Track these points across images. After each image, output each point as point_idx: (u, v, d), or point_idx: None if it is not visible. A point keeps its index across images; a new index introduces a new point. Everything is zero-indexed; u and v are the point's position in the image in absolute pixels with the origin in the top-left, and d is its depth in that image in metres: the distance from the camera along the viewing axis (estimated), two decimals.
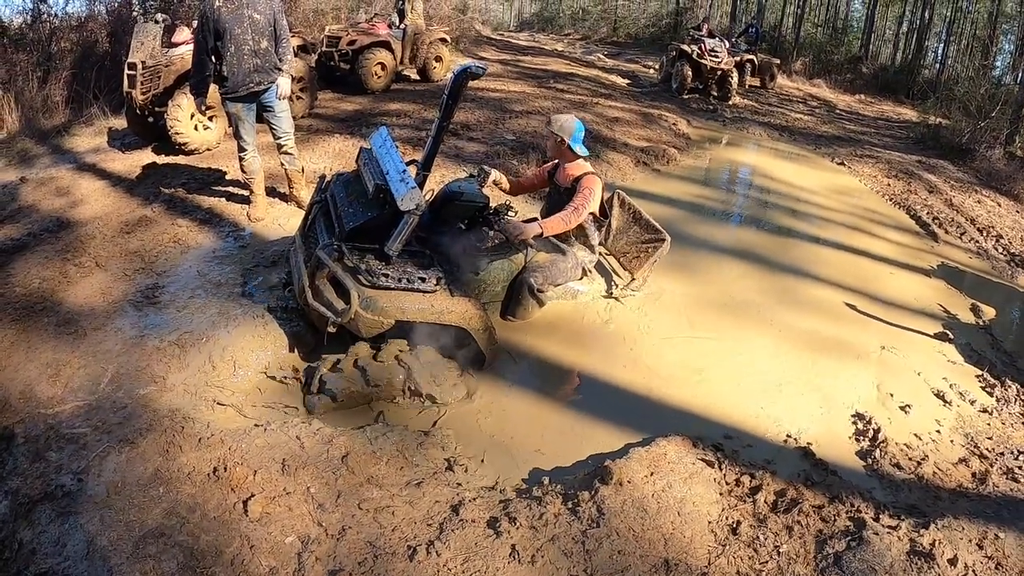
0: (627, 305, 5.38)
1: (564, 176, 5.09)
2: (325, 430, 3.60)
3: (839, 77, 24.41)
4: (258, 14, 5.62)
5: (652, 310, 5.46)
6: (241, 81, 5.66)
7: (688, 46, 16.00)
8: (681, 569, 3.06)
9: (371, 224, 4.11)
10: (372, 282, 3.88)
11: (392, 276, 3.95)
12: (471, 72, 4.11)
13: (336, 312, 3.84)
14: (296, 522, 3.06)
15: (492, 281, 4.67)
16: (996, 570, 3.34)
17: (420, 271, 4.07)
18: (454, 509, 3.21)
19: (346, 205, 4.30)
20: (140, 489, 3.13)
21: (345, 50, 11.20)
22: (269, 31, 5.72)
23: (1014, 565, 3.39)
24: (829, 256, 7.61)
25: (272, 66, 5.79)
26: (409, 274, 4.01)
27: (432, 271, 4.11)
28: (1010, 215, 10.53)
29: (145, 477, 3.19)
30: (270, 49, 5.75)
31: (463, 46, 18.29)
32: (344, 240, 4.06)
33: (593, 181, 4.91)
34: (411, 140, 8.70)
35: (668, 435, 3.95)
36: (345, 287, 3.83)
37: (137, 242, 5.48)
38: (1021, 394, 5.28)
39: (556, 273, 4.87)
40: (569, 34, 32.79)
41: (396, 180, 3.98)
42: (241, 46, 5.57)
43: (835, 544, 3.33)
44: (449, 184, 4.71)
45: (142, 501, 3.07)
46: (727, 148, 12.54)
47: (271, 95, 5.89)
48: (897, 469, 4.18)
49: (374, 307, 3.83)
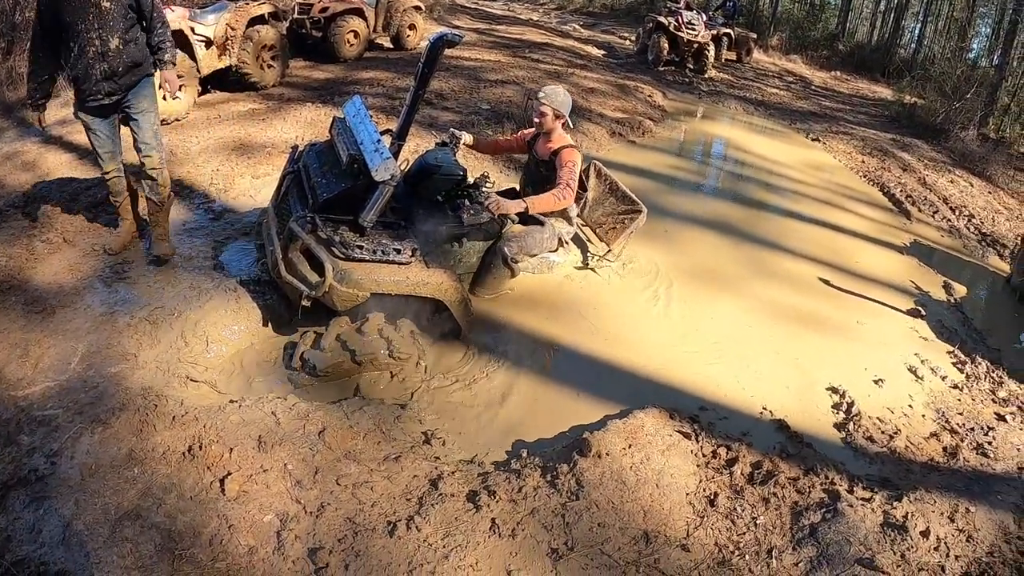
0: (603, 277, 5.40)
1: (544, 147, 5.05)
2: (301, 406, 3.56)
3: (815, 54, 24.49)
4: (107, 1, 4.24)
5: (628, 283, 5.48)
6: (89, 91, 4.42)
7: (665, 18, 16.00)
8: (660, 540, 3.08)
9: (345, 195, 4.05)
10: (346, 254, 3.83)
11: (367, 248, 3.89)
12: (447, 40, 4.03)
13: (310, 285, 3.79)
14: (274, 500, 3.03)
15: (467, 252, 4.63)
16: (967, 542, 3.40)
17: (395, 242, 4.02)
18: (433, 483, 3.20)
19: (319, 176, 4.23)
20: (115, 470, 3.07)
21: (317, 17, 11.01)
22: (125, 23, 4.36)
23: (984, 538, 3.46)
24: (803, 230, 7.68)
25: (132, 63, 4.45)
26: (384, 246, 3.95)
27: (407, 242, 4.06)
28: (982, 195, 10.66)
29: (119, 458, 3.13)
30: (125, 49, 4.38)
31: (437, 14, 18.10)
32: (318, 212, 4.00)
33: (574, 154, 4.87)
34: (385, 109, 8.63)
35: (645, 407, 3.98)
36: (319, 260, 3.77)
37: (106, 216, 5.36)
38: (991, 371, 5.36)
39: (532, 243, 4.85)
40: (544, 4, 32.44)
41: (370, 150, 3.92)
42: (85, 47, 4.29)
43: (811, 516, 3.38)
44: (425, 156, 4.64)
45: (117, 483, 3.01)
46: (703, 121, 12.59)
47: (133, 98, 4.57)
48: (870, 442, 4.24)
49: (349, 280, 3.77)
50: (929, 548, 3.28)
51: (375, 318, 4.00)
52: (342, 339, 3.96)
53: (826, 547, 3.19)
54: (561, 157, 4.83)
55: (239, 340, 4.21)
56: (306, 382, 3.88)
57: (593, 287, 5.27)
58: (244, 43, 8.61)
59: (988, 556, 3.34)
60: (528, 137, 5.32)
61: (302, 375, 3.88)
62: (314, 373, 3.86)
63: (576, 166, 4.82)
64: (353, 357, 3.91)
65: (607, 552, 2.97)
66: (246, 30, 8.63)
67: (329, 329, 3.97)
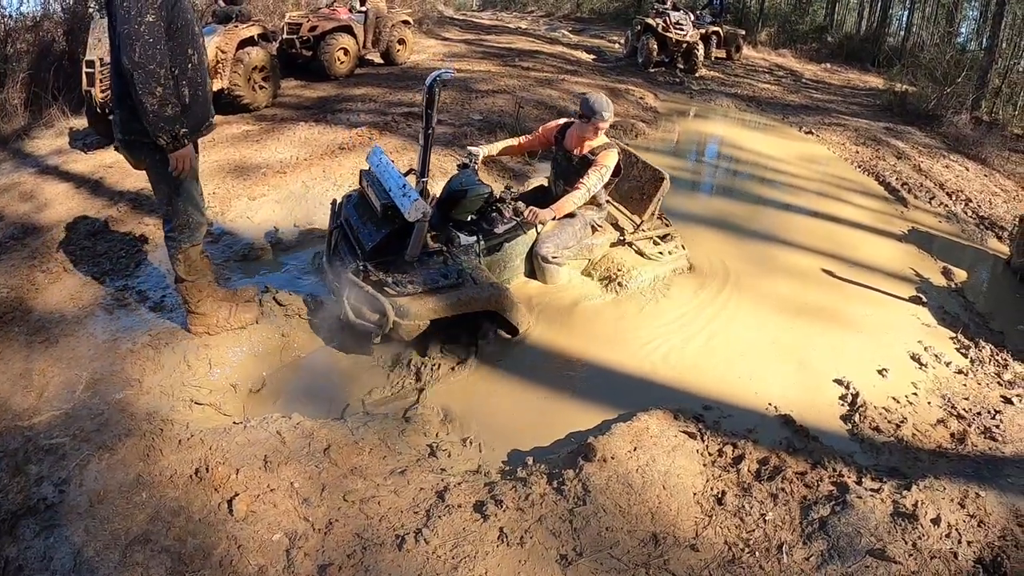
0: (601, 281, 5.39)
1: (578, 143, 5.14)
2: (306, 424, 3.57)
3: (804, 47, 24.61)
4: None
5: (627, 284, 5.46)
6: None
7: (653, 20, 16.10)
8: (669, 542, 3.07)
9: (387, 239, 4.33)
10: (400, 291, 4.12)
11: (417, 281, 4.20)
12: (440, 79, 4.30)
13: (377, 325, 4.09)
14: (282, 518, 3.03)
15: (509, 258, 4.97)
16: (979, 528, 3.38)
17: (442, 268, 4.35)
18: (439, 495, 3.20)
19: (361, 227, 4.52)
20: (123, 496, 3.08)
21: (306, 36, 11.10)
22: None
23: (996, 522, 3.43)
24: (801, 223, 7.69)
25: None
26: (432, 275, 4.27)
27: (453, 266, 4.39)
28: (978, 179, 10.66)
29: (127, 483, 3.15)
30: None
31: (426, 27, 18.15)
32: (367, 259, 4.28)
33: (610, 156, 5.01)
34: (378, 124, 8.64)
35: (649, 409, 3.97)
36: (379, 302, 4.05)
37: (105, 244, 5.40)
38: (995, 355, 5.35)
39: (566, 238, 5.09)
40: (532, 11, 32.63)
41: (399, 196, 4.19)
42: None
43: (820, 509, 3.36)
44: (451, 182, 4.87)
45: (126, 508, 3.02)
46: (695, 120, 12.61)
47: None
48: (877, 432, 4.23)
49: (408, 314, 4.07)
50: (940, 535, 3.26)
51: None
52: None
53: (836, 540, 3.17)
54: (597, 158, 5.00)
55: (243, 362, 4.22)
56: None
57: (589, 292, 5.27)
58: (235, 66, 8.67)
59: (1000, 540, 3.32)
60: (555, 131, 5.37)
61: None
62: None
63: (607, 170, 5.00)
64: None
65: (616, 556, 2.96)
66: (236, 52, 8.69)
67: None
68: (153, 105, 3.42)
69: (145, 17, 3.33)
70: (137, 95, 3.40)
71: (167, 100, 3.46)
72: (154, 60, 3.38)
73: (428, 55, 14.60)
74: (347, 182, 6.57)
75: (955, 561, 3.14)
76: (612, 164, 5.02)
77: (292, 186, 6.45)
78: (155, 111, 3.44)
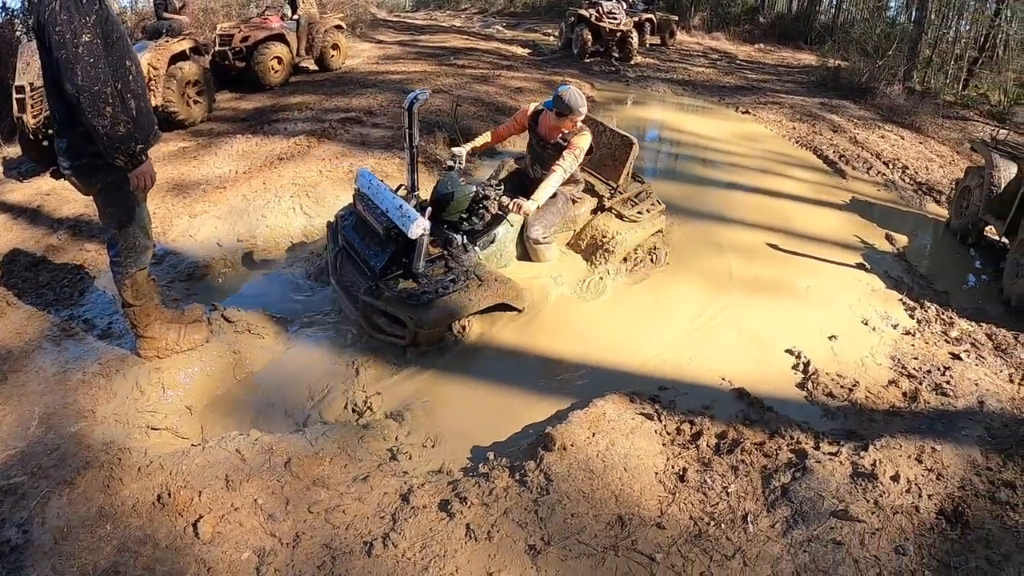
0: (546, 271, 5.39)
1: (551, 129, 5.22)
2: (264, 439, 3.54)
3: (737, 29, 24.98)
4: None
5: (574, 272, 5.51)
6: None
7: (586, 10, 16.22)
8: (635, 522, 3.11)
9: (393, 258, 4.57)
10: (416, 303, 4.35)
11: (428, 290, 4.42)
12: (417, 99, 4.66)
13: (400, 337, 4.43)
14: (249, 536, 3.00)
15: (504, 246, 5.12)
16: (938, 480, 3.48)
17: (448, 274, 4.59)
18: (404, 498, 3.20)
19: (365, 248, 4.74)
20: (87, 530, 3.02)
21: (239, 47, 10.93)
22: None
23: (954, 474, 3.54)
24: (744, 200, 7.82)
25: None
26: (441, 282, 4.49)
27: (457, 269, 4.63)
28: (914, 147, 10.94)
29: (90, 517, 3.09)
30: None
31: (360, 31, 18.01)
32: (378, 279, 4.51)
33: (583, 139, 5.12)
34: (315, 132, 8.56)
35: (605, 395, 4.01)
36: (398, 318, 4.37)
37: (47, 274, 5.28)
38: (940, 314, 5.52)
39: (551, 217, 5.26)
40: (466, 9, 32.54)
41: (398, 216, 4.38)
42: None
43: (781, 477, 3.43)
44: (438, 187, 5.00)
45: (91, 542, 2.97)
46: (633, 107, 12.71)
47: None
48: (831, 398, 4.34)
49: (426, 322, 4.36)
50: (901, 491, 3.35)
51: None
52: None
53: (800, 505, 3.23)
54: (571, 142, 5.11)
55: (196, 383, 4.16)
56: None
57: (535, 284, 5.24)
58: (168, 81, 8.52)
59: (960, 490, 3.42)
60: (526, 119, 5.47)
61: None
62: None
63: (581, 151, 5.11)
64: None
65: (584, 541, 2.99)
66: (168, 68, 8.53)
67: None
68: (105, 127, 3.33)
69: (81, 38, 3.23)
70: (87, 119, 3.31)
71: (118, 119, 3.37)
72: (98, 81, 3.28)
73: (363, 59, 14.52)
74: (288, 192, 6.52)
75: (917, 515, 3.23)
76: (586, 146, 5.15)
77: (233, 201, 6.36)
78: (108, 132, 3.34)
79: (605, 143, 6.03)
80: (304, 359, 4.44)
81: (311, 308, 5.01)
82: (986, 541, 3.12)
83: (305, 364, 4.41)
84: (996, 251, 6.96)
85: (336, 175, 7.02)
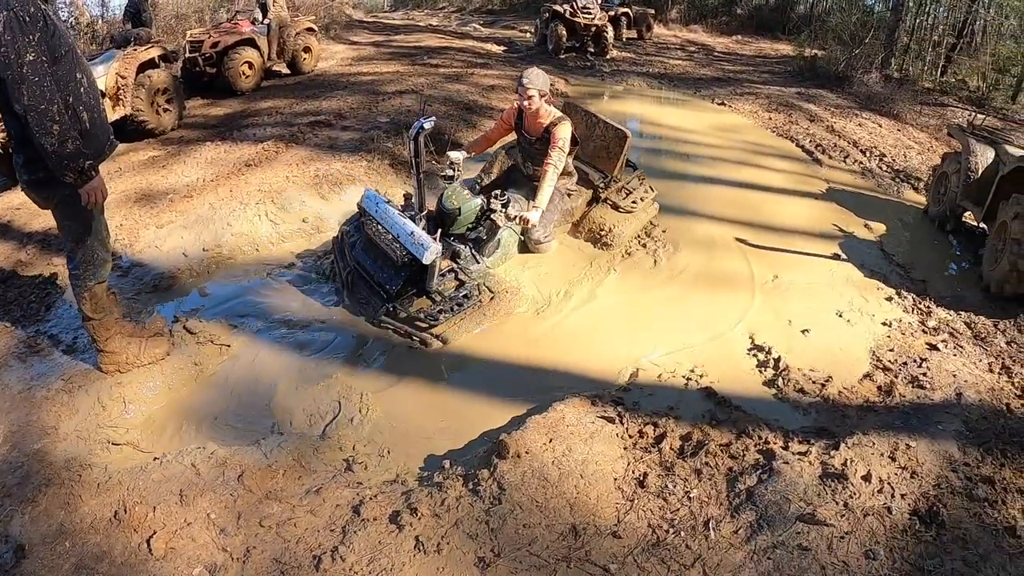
0: (513, 276, 5.37)
1: (534, 125, 5.36)
2: (220, 452, 3.51)
3: (715, 21, 25.02)
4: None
5: (540, 274, 5.49)
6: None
7: (560, 6, 16.16)
8: (590, 532, 3.05)
9: (407, 281, 4.77)
10: (432, 323, 4.63)
11: (445, 309, 4.68)
12: (423, 127, 4.72)
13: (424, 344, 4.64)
14: (201, 552, 2.97)
15: (508, 247, 5.40)
16: (912, 479, 3.42)
17: (460, 289, 4.82)
18: (355, 510, 3.15)
19: (379, 271, 4.89)
20: (47, 547, 3.01)
21: (209, 53, 10.80)
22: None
23: (929, 471, 3.48)
24: (720, 193, 7.76)
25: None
26: (454, 299, 4.75)
27: (468, 284, 4.85)
28: (891, 134, 10.93)
29: (51, 534, 3.07)
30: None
31: (334, 33, 17.85)
32: (393, 301, 4.73)
33: (563, 130, 5.18)
34: (284, 137, 8.44)
35: (565, 398, 3.96)
36: (420, 339, 4.62)
37: (15, 290, 5.22)
38: (918, 303, 5.49)
39: (550, 216, 5.41)
40: (444, 7, 32.29)
41: (410, 244, 4.54)
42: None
43: (746, 480, 3.37)
44: (442, 202, 5.15)
45: (51, 560, 2.95)
46: (609, 101, 12.63)
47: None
48: (802, 394, 4.28)
49: (448, 339, 4.63)
50: (872, 492, 3.29)
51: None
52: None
53: (765, 509, 3.17)
54: (553, 135, 5.19)
55: (158, 396, 4.12)
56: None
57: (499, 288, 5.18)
58: (136, 90, 8.41)
59: (935, 489, 3.36)
60: (512, 118, 5.59)
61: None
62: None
63: (565, 142, 5.19)
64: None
65: (535, 552, 2.93)
66: (137, 77, 8.43)
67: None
68: (53, 145, 3.30)
69: (25, 57, 3.19)
70: (35, 138, 3.29)
71: (66, 136, 3.34)
72: (44, 99, 3.25)
73: (336, 61, 14.41)
74: (254, 200, 6.45)
75: (889, 516, 3.17)
76: (568, 136, 5.20)
77: (199, 210, 6.28)
78: (56, 150, 3.32)
79: (599, 135, 6.19)
80: (266, 370, 4.39)
81: (276, 317, 4.94)
82: (963, 541, 3.06)
83: (267, 375, 4.35)
84: (975, 237, 6.93)
85: (303, 180, 6.95)
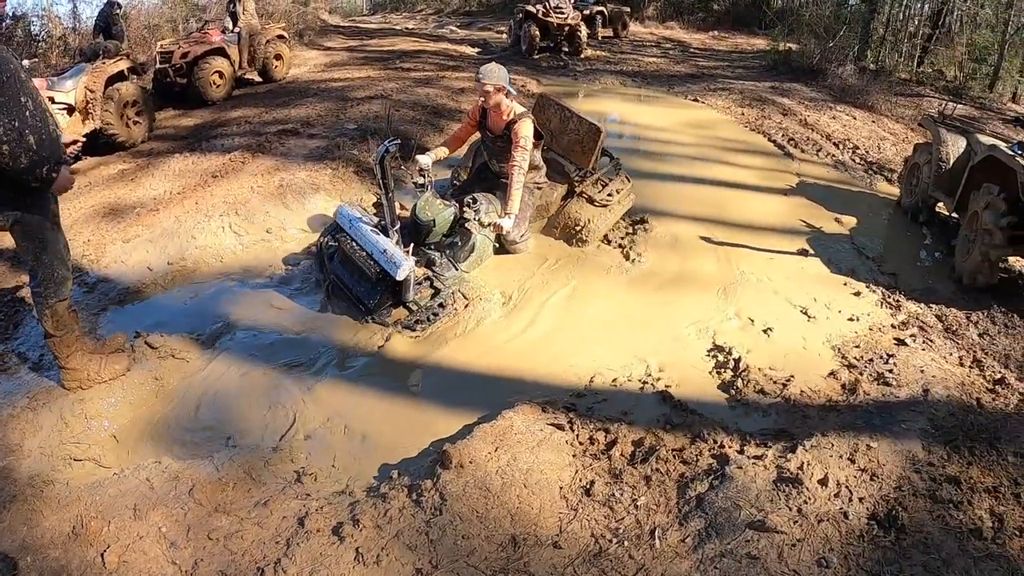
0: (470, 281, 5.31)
1: (497, 122, 5.39)
2: (172, 466, 3.53)
3: (691, 17, 25.10)
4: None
5: (496, 276, 5.51)
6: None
7: (533, 6, 16.06)
8: (530, 542, 3.05)
9: (384, 295, 4.91)
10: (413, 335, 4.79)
11: (421, 319, 4.87)
12: (388, 151, 4.94)
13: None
14: (151, 565, 3.00)
15: (484, 250, 5.51)
16: (871, 481, 3.38)
17: (435, 298, 4.99)
18: (300, 522, 3.17)
19: (356, 284, 5.02)
20: (8, 564, 3.04)
21: (179, 64, 10.75)
22: None
23: (890, 473, 3.43)
24: (688, 191, 7.74)
25: None
26: (430, 308, 4.93)
27: (444, 292, 5.01)
28: (866, 126, 10.93)
29: (14, 550, 3.10)
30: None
31: (308, 39, 17.76)
32: (371, 314, 4.92)
33: (524, 127, 5.22)
34: (251, 147, 8.38)
35: (515, 405, 3.94)
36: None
37: None
38: (887, 297, 5.45)
39: (523, 214, 5.51)
40: (422, 10, 32.16)
41: (384, 261, 4.72)
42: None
43: (697, 486, 3.33)
44: (416, 213, 5.27)
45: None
46: (583, 100, 12.55)
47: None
48: (762, 395, 4.25)
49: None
50: (828, 496, 3.24)
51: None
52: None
53: (714, 516, 3.13)
54: (514, 132, 5.26)
55: (119, 411, 4.15)
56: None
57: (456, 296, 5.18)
58: (106, 104, 8.41)
59: (896, 491, 3.31)
60: (476, 116, 5.61)
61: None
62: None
63: (527, 140, 5.24)
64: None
65: (473, 564, 2.94)
66: (106, 90, 8.44)
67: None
68: (7, 163, 3.37)
69: None
70: None
71: (17, 154, 3.38)
72: None
73: (309, 67, 14.35)
74: (218, 211, 6.43)
75: (845, 521, 3.12)
76: (530, 134, 5.24)
77: (165, 223, 6.27)
78: (12, 167, 3.39)
79: (572, 129, 6.23)
80: (225, 383, 4.40)
81: (237, 329, 4.95)
82: (924, 545, 3.00)
83: (225, 388, 4.37)
84: (948, 228, 6.93)
85: (267, 190, 6.93)
